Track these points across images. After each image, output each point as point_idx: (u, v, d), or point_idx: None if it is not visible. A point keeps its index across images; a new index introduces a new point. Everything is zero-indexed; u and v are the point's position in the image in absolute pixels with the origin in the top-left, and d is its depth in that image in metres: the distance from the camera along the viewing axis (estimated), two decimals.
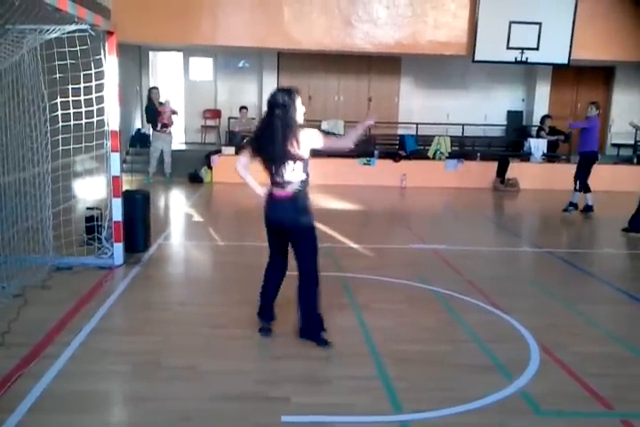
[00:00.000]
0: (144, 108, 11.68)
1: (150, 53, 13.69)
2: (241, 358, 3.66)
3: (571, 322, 4.48)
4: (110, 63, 5.19)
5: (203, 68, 14.03)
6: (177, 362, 3.53)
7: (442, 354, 3.79)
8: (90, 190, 7.42)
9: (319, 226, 7.48)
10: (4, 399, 3.00)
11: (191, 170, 11.76)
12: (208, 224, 7.87)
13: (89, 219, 5.92)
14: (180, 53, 13.88)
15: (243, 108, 12.30)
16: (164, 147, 11.28)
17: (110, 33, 5.12)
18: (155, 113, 11.10)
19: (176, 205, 9.84)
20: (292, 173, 3.57)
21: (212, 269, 5.88)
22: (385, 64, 13.52)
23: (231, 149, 11.56)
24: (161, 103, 11.31)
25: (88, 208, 6.28)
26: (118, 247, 5.43)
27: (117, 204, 5.41)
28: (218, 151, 11.88)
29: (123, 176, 10.97)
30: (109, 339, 3.86)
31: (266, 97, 13.02)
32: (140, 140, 12.09)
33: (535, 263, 6.61)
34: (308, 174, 3.63)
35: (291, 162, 3.53)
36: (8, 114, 4.93)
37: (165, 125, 11.07)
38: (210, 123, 13.78)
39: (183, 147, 13.46)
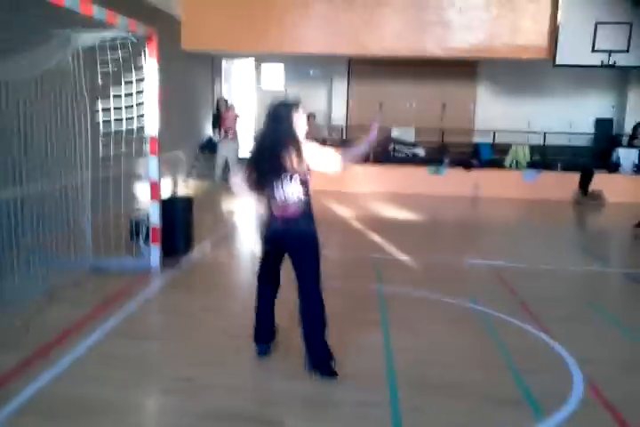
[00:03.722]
0: (212, 117, 11.83)
1: (224, 61, 13.91)
2: (244, 373, 3.44)
3: (632, 356, 3.91)
4: (150, 68, 5.18)
5: (274, 74, 14.08)
6: (177, 372, 3.36)
7: (469, 383, 3.37)
8: (142, 195, 7.51)
9: (373, 235, 7.22)
10: None
11: None
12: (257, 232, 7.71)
13: (132, 222, 5.94)
14: (252, 60, 13.99)
15: (309, 115, 12.18)
16: (229, 154, 11.22)
17: (150, 38, 5.12)
18: (218, 120, 11.19)
19: (231, 212, 9.70)
20: (290, 191, 3.28)
21: (248, 278, 5.69)
22: (460, 69, 12.96)
23: None
24: (218, 109, 11.34)
25: (134, 211, 6.31)
26: (155, 250, 5.41)
27: (155, 208, 5.39)
28: None
29: (190, 181, 11.23)
30: (119, 343, 3.75)
31: (335, 104, 12.80)
32: (208, 147, 12.27)
33: (604, 286, 5.91)
34: (308, 194, 3.32)
35: (289, 178, 3.25)
36: (53, 120, 5.01)
37: (227, 131, 11.11)
38: None
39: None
